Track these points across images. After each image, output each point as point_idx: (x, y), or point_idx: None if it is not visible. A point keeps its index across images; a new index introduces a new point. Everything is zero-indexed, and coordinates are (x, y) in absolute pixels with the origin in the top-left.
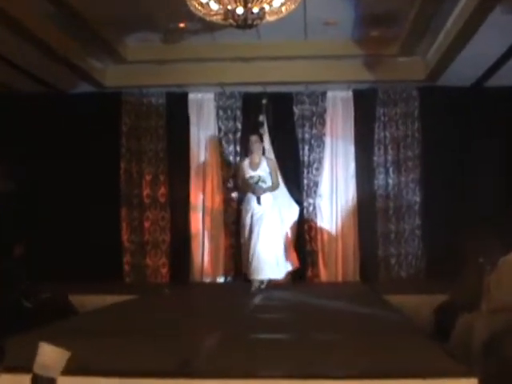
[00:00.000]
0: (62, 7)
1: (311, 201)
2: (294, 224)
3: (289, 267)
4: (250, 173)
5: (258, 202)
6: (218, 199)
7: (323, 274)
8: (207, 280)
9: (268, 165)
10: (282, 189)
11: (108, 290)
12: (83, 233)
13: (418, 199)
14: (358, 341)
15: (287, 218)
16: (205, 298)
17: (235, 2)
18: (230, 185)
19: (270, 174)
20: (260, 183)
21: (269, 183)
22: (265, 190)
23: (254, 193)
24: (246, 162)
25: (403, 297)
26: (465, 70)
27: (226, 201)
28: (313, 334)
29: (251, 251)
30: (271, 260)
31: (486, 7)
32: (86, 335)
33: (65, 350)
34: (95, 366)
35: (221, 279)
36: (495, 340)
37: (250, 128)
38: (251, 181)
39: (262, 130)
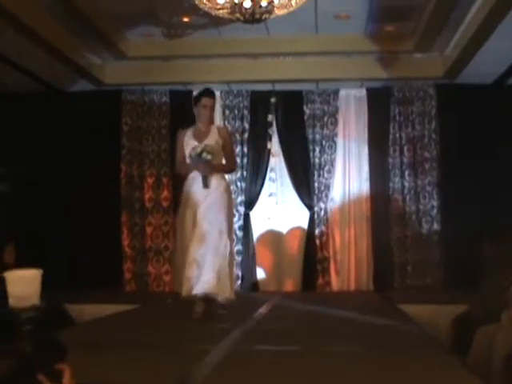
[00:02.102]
0: (60, 1)
1: (322, 205)
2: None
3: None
4: (192, 144)
5: (205, 183)
6: None
7: (335, 283)
8: None
9: (220, 135)
10: (292, 192)
11: (107, 299)
12: (81, 237)
13: (435, 203)
14: (372, 355)
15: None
16: None
17: None
18: None
19: (224, 148)
20: (205, 154)
21: (219, 160)
22: (214, 168)
23: (198, 170)
24: (189, 132)
25: (420, 307)
26: (486, 66)
27: (234, 204)
28: (323, 346)
29: (191, 257)
30: (222, 270)
31: (507, 1)
32: (82, 348)
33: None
34: (90, 382)
35: None
36: None
37: (259, 128)
38: (193, 153)
39: (270, 131)
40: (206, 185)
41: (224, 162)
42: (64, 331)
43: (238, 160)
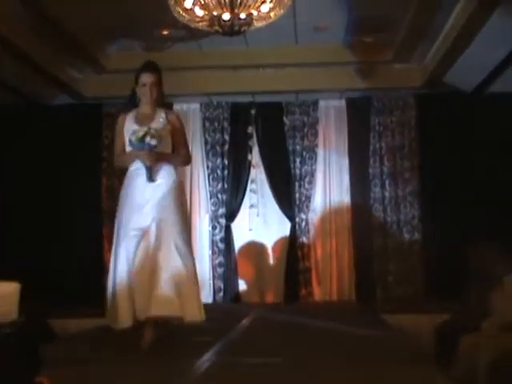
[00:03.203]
0: (38, 15)
1: (304, 216)
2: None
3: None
4: (135, 128)
5: (149, 176)
6: (205, 215)
7: (317, 293)
8: None
9: (168, 119)
10: (273, 203)
11: (90, 313)
12: (63, 252)
13: (416, 213)
14: (356, 366)
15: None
16: None
17: (221, 7)
18: None
19: (173, 136)
20: (148, 139)
21: (167, 148)
22: (161, 157)
23: (140, 159)
24: (131, 115)
25: (401, 316)
26: (465, 75)
27: (214, 217)
28: (306, 357)
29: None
30: (185, 288)
31: (485, 10)
32: (65, 363)
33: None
34: None
35: (209, 300)
36: (505, 360)
37: (239, 140)
38: (133, 138)
39: (251, 142)
40: (150, 178)
41: (170, 150)
42: (46, 346)
43: (219, 172)
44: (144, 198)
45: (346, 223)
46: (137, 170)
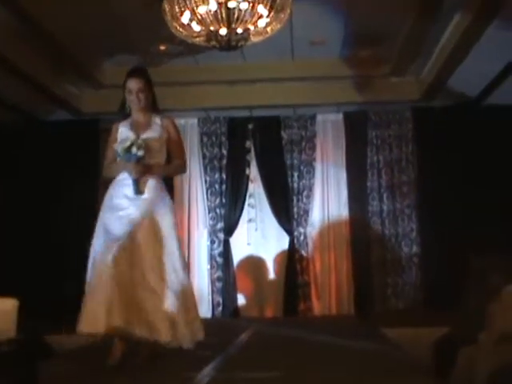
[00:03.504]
0: (35, 31)
1: (302, 230)
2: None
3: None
4: (125, 137)
5: (136, 189)
6: (204, 230)
7: (316, 307)
8: None
9: (163, 127)
10: (271, 217)
11: None
12: (61, 268)
13: (414, 226)
14: (356, 381)
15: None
16: None
17: (218, 22)
18: None
19: (169, 144)
20: (135, 149)
21: (160, 158)
22: (150, 169)
23: (127, 171)
24: (126, 124)
25: (401, 330)
26: (462, 88)
27: (213, 231)
28: (306, 372)
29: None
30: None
31: (481, 23)
32: (65, 381)
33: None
34: None
35: (208, 314)
36: (504, 372)
37: (237, 154)
38: (119, 148)
39: (248, 157)
40: (137, 191)
41: (162, 158)
42: (45, 363)
43: (217, 186)
44: (127, 212)
45: (345, 237)
46: (123, 180)
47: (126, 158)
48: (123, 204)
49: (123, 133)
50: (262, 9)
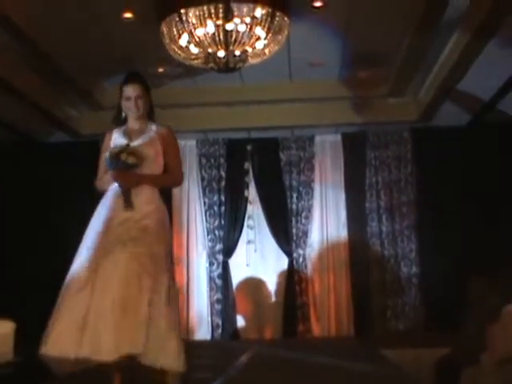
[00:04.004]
0: (35, 53)
1: (301, 251)
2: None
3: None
4: (117, 144)
5: (127, 201)
6: (203, 252)
7: (315, 329)
8: (192, 338)
9: (159, 135)
10: (270, 239)
11: None
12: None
13: (413, 246)
14: None
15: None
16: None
17: (216, 44)
18: None
19: (165, 154)
20: (125, 156)
21: (155, 168)
22: (142, 179)
23: (116, 181)
24: (119, 131)
25: (401, 351)
26: (459, 108)
27: (212, 253)
28: None
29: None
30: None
31: (480, 41)
32: None
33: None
34: None
35: (207, 337)
36: None
37: (235, 176)
38: (107, 155)
39: (247, 178)
40: (127, 203)
41: (157, 168)
42: None
43: (216, 208)
44: (116, 228)
45: (344, 258)
46: (113, 192)
47: (113, 165)
48: (112, 218)
49: (116, 140)
50: (259, 31)
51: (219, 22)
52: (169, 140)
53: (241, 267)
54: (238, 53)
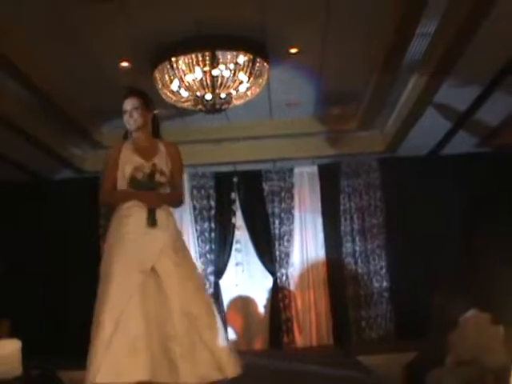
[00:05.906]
0: (42, 100)
1: (284, 271)
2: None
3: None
4: (137, 162)
5: (153, 219)
6: None
7: (299, 340)
8: None
9: (168, 152)
10: (256, 260)
11: None
12: (67, 310)
13: (383, 264)
14: None
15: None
16: None
17: (204, 88)
18: None
19: (173, 173)
20: (158, 176)
21: (165, 187)
22: (164, 198)
23: (141, 200)
24: (128, 146)
25: (374, 357)
26: (420, 140)
27: (204, 275)
28: None
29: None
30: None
31: (434, 84)
32: None
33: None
34: None
35: None
36: None
37: (223, 205)
38: (139, 175)
39: (234, 207)
40: (152, 221)
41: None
42: None
43: (207, 234)
44: (146, 246)
45: (322, 276)
46: (132, 209)
47: (148, 185)
48: (140, 236)
49: (129, 157)
50: (242, 75)
51: (206, 69)
52: (175, 158)
53: (231, 287)
54: (223, 95)
